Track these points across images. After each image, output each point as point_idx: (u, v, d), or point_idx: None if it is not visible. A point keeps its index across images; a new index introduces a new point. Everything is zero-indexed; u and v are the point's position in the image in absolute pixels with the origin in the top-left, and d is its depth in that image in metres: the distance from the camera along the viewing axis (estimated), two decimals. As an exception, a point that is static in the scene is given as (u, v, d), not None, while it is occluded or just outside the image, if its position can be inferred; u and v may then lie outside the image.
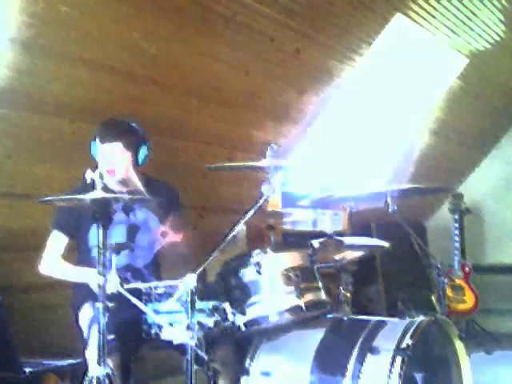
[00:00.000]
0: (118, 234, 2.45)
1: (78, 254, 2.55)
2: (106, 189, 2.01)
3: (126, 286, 1.93)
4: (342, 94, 4.07)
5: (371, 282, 5.03)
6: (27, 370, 2.44)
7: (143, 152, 2.53)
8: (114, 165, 2.46)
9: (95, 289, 1.93)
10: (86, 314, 2.39)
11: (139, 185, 2.53)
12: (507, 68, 4.92)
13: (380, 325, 2.13)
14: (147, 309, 1.98)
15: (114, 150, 2.46)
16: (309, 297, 2.08)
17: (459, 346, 2.21)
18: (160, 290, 2.03)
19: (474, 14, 4.05)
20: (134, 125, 2.54)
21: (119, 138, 2.46)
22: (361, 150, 4.59)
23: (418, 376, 2.20)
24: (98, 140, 2.47)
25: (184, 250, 2.63)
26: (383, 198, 2.34)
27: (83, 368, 2.03)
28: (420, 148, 5.11)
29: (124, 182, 2.53)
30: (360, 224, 4.69)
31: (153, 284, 2.07)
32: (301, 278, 2.09)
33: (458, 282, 4.92)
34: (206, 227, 3.60)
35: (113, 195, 1.94)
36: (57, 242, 2.47)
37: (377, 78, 4.22)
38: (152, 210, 2.54)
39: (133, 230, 2.52)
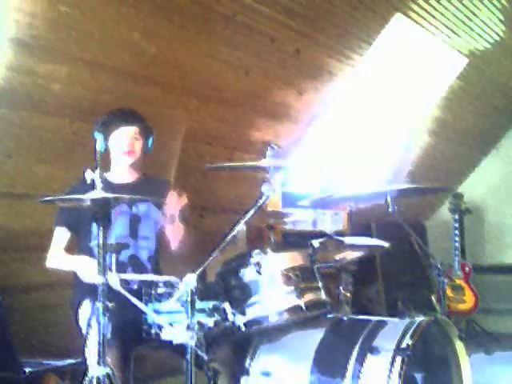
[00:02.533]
0: (121, 225, 2.50)
1: (78, 252, 2.55)
2: (109, 185, 2.02)
3: (124, 276, 1.94)
4: (341, 94, 4.07)
5: (371, 282, 5.03)
6: (27, 369, 2.44)
7: (151, 141, 2.63)
8: (133, 146, 2.55)
9: (93, 278, 1.94)
10: (85, 310, 2.39)
11: (140, 176, 2.64)
12: (507, 68, 4.92)
13: (380, 325, 2.13)
14: (147, 309, 1.98)
15: (133, 132, 2.55)
16: (309, 297, 2.08)
17: (459, 346, 2.21)
18: (160, 290, 2.03)
19: (474, 14, 4.05)
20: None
21: (136, 122, 2.58)
22: (361, 149, 4.59)
23: (418, 376, 2.20)
24: (111, 127, 2.53)
25: (184, 250, 2.64)
26: (383, 197, 2.34)
27: (83, 368, 2.03)
28: (420, 148, 5.11)
29: (134, 168, 2.61)
30: (360, 224, 4.69)
31: (151, 277, 2.07)
32: (301, 278, 2.09)
33: (458, 281, 4.92)
34: (206, 227, 3.60)
35: (113, 195, 1.93)
36: (59, 237, 2.52)
37: (377, 77, 4.22)
38: (154, 204, 2.59)
39: (135, 221, 2.55)
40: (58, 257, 2.50)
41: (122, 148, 2.55)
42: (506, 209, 5.73)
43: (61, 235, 2.52)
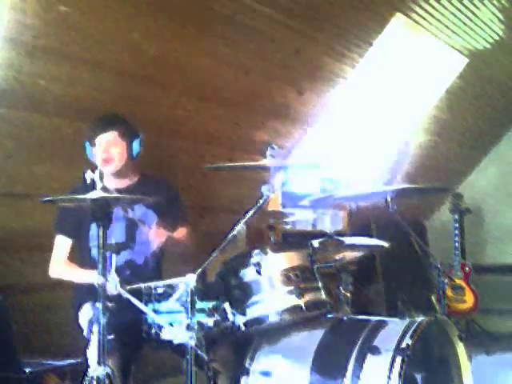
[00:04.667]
0: (117, 230, 2.48)
1: (78, 252, 2.55)
2: (105, 188, 2.02)
3: (126, 287, 1.93)
4: (341, 93, 4.07)
5: (371, 282, 5.02)
6: (27, 369, 2.43)
7: (137, 145, 2.57)
8: (110, 154, 2.49)
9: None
10: (85, 313, 2.39)
11: (135, 179, 2.60)
12: (507, 68, 4.91)
13: (380, 325, 2.13)
14: (147, 309, 1.98)
15: (110, 138, 2.50)
16: (309, 297, 2.08)
17: (459, 346, 2.21)
18: (160, 290, 2.03)
19: (474, 14, 4.04)
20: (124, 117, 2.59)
21: (114, 126, 2.51)
22: (361, 149, 4.59)
23: (418, 376, 2.20)
24: (92, 135, 2.51)
25: (184, 249, 2.64)
26: (383, 197, 2.34)
27: (83, 368, 2.03)
28: (420, 148, 5.11)
29: (121, 175, 2.56)
30: (360, 223, 4.69)
31: (153, 284, 2.07)
32: (301, 277, 2.09)
33: (458, 281, 4.92)
34: (205, 227, 3.60)
35: (113, 195, 1.93)
36: (61, 245, 2.54)
37: (377, 77, 4.22)
38: (150, 208, 2.55)
39: (132, 226, 2.53)
40: (61, 267, 2.53)
41: (99, 156, 2.49)
42: (505, 209, 5.72)
43: (62, 244, 2.54)
